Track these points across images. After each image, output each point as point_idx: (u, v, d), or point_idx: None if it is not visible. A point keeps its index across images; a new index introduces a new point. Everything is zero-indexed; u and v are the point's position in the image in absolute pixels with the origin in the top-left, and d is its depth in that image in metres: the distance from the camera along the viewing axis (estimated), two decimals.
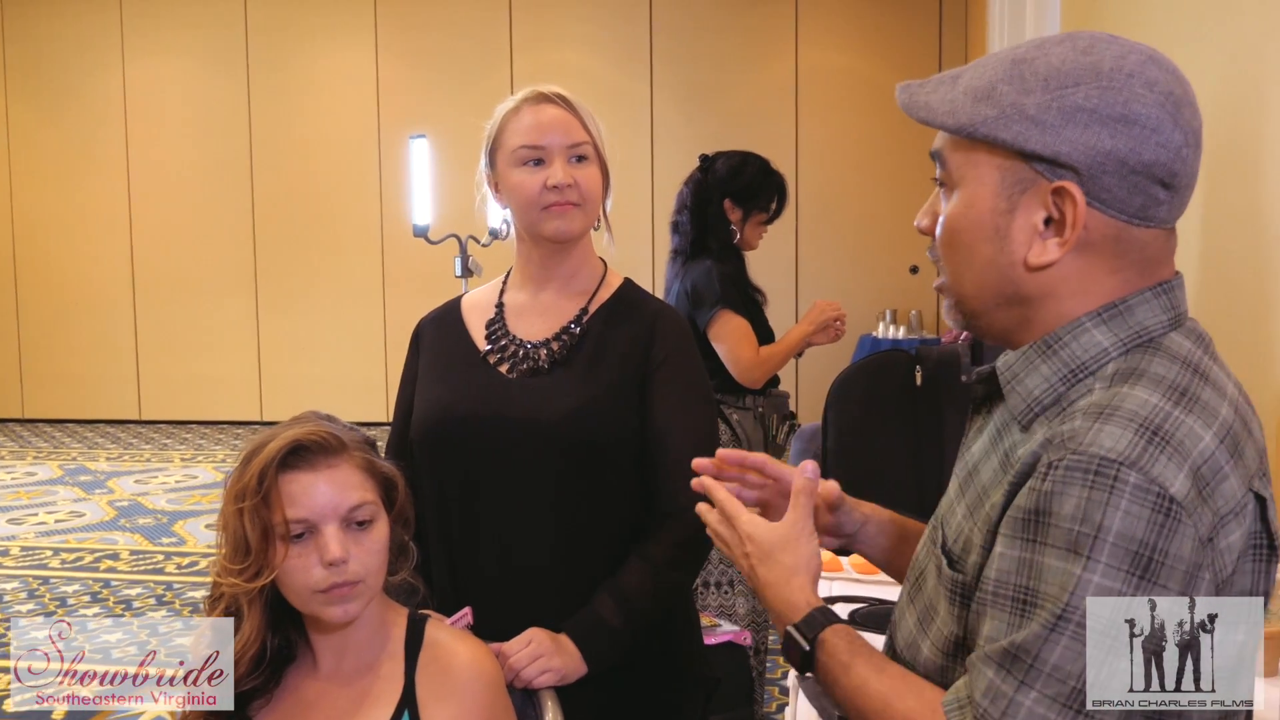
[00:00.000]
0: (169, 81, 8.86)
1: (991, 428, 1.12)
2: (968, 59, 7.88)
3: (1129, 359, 1.00)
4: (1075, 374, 1.02)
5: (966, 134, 1.03)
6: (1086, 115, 0.98)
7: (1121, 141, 0.98)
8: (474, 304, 1.86)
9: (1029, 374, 1.04)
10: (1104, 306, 1.02)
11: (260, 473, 1.33)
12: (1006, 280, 1.05)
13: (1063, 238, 1.01)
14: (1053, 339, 1.03)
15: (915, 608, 1.14)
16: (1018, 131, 1.00)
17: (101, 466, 7.55)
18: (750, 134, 8.09)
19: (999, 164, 1.02)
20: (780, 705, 3.61)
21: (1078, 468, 0.92)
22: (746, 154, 3.29)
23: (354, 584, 1.34)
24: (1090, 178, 0.99)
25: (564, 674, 1.56)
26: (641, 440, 1.69)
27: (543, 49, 8.41)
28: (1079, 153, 0.98)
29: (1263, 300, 2.10)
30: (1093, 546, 0.90)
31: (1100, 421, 0.94)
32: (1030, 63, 1.02)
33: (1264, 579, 0.98)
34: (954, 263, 1.09)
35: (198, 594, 4.84)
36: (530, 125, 1.72)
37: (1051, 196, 1.00)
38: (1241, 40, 2.29)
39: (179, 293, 8.90)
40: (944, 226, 1.09)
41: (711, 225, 3.16)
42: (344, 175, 8.65)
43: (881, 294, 7.92)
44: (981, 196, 1.04)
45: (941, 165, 1.09)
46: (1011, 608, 0.96)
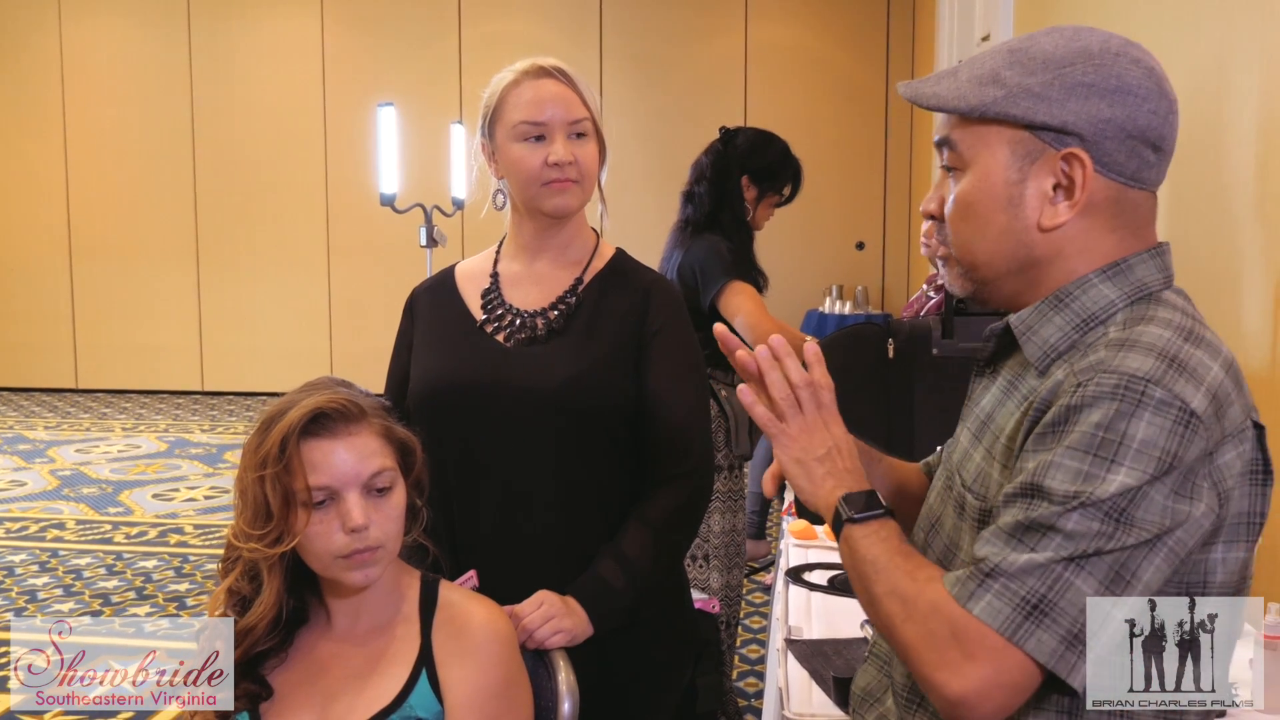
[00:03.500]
0: (107, 43, 8.65)
1: (1001, 381, 1.22)
2: (915, 39, 7.98)
3: (1135, 309, 1.11)
4: (1087, 323, 1.12)
5: (979, 114, 1.14)
6: (1085, 89, 1.10)
7: (1119, 110, 1.10)
8: (467, 273, 1.88)
9: (1043, 325, 1.14)
10: (1108, 265, 1.13)
11: (282, 440, 1.34)
12: (1020, 244, 1.15)
13: (1072, 200, 1.12)
14: (1063, 293, 1.14)
15: (934, 551, 1.22)
16: (1026, 107, 1.11)
17: (40, 435, 7.41)
18: (699, 107, 8.12)
19: (1009, 139, 1.13)
20: (740, 673, 3.69)
21: (1107, 384, 1.02)
22: (770, 134, 3.27)
23: (375, 549, 1.36)
24: (1094, 143, 1.10)
25: (574, 635, 1.60)
26: (637, 407, 1.74)
27: (492, 17, 8.34)
28: (1083, 121, 1.10)
29: (1228, 278, 2.19)
30: (1116, 451, 0.99)
31: (1124, 350, 1.04)
32: (1026, 50, 1.14)
33: (1260, 501, 1.08)
34: (967, 234, 1.18)
35: (149, 564, 4.80)
36: (531, 100, 1.74)
37: (1060, 163, 1.11)
38: (1203, 22, 2.37)
39: (117, 259, 8.73)
40: (956, 202, 1.18)
41: (727, 199, 3.15)
42: (288, 142, 8.53)
43: (828, 269, 8.02)
44: (994, 169, 1.14)
45: (950, 149, 1.18)
46: (1023, 502, 1.04)
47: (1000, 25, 4.65)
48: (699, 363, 1.84)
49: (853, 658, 1.80)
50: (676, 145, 8.17)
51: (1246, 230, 2.16)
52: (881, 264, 8.31)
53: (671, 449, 1.73)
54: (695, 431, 1.76)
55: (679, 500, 1.71)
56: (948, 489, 1.23)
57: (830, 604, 2.08)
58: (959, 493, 1.19)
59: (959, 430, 1.30)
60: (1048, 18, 3.77)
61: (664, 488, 1.72)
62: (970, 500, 1.16)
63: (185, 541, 5.17)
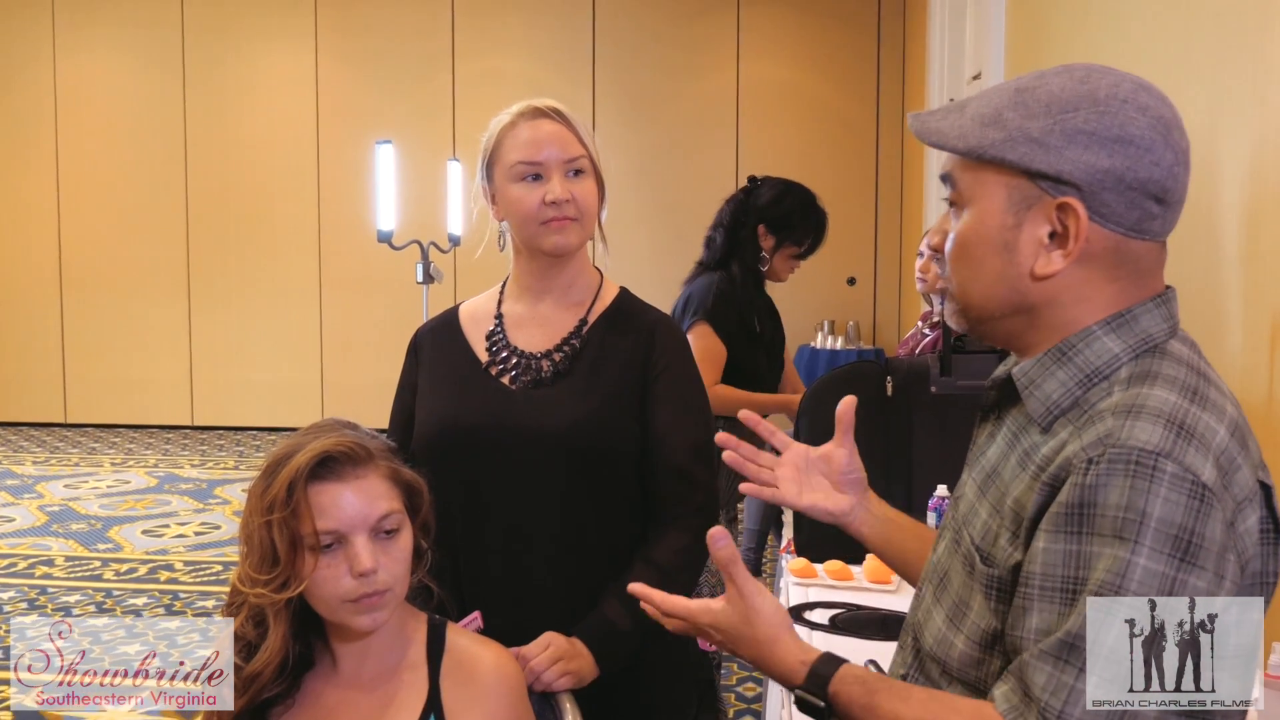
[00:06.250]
0: (102, 76, 8.68)
1: (1005, 431, 1.20)
2: (905, 75, 8.05)
3: (1139, 363, 1.09)
4: (1090, 378, 1.10)
5: (976, 156, 1.13)
6: (1086, 137, 1.07)
7: (1118, 160, 1.07)
8: (471, 315, 1.89)
9: (1046, 379, 1.12)
10: (1111, 316, 1.11)
11: (289, 484, 1.34)
12: (1014, 290, 1.13)
13: (1066, 249, 1.09)
14: (1066, 346, 1.12)
15: (943, 607, 1.20)
16: (1024, 152, 1.09)
17: (29, 470, 7.36)
18: (692, 143, 8.19)
19: (1006, 182, 1.11)
20: (737, 711, 3.67)
21: (1119, 459, 0.99)
22: (792, 184, 3.31)
23: (383, 593, 1.36)
24: (1091, 194, 1.08)
25: (581, 677, 1.60)
26: (642, 447, 1.74)
27: (485, 54, 8.39)
28: (1080, 171, 1.07)
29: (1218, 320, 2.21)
30: (1139, 531, 0.97)
31: (1130, 419, 1.02)
32: (1032, 91, 1.12)
33: (1273, 560, 1.07)
34: (963, 274, 1.17)
35: (139, 601, 4.76)
36: (527, 140, 1.76)
37: (1056, 212, 1.09)
38: (1195, 64, 2.40)
39: (108, 293, 8.72)
40: (954, 241, 1.18)
41: (740, 248, 3.18)
42: (281, 177, 8.55)
43: (820, 305, 8.04)
44: (990, 212, 1.13)
45: (952, 186, 1.18)
46: (1061, 599, 1.01)
47: (991, 63, 4.68)
48: (704, 402, 1.84)
49: None
50: (669, 181, 8.23)
51: (1237, 272, 2.17)
52: (873, 299, 8.35)
53: (676, 489, 1.73)
54: (700, 471, 1.76)
55: (685, 540, 1.71)
56: (955, 544, 1.21)
57: (833, 643, 2.07)
58: (968, 550, 1.17)
59: (964, 478, 1.29)
60: (1039, 55, 3.81)
61: (669, 528, 1.72)
62: (980, 565, 1.13)
63: (176, 578, 5.13)
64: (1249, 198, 2.14)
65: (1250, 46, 2.10)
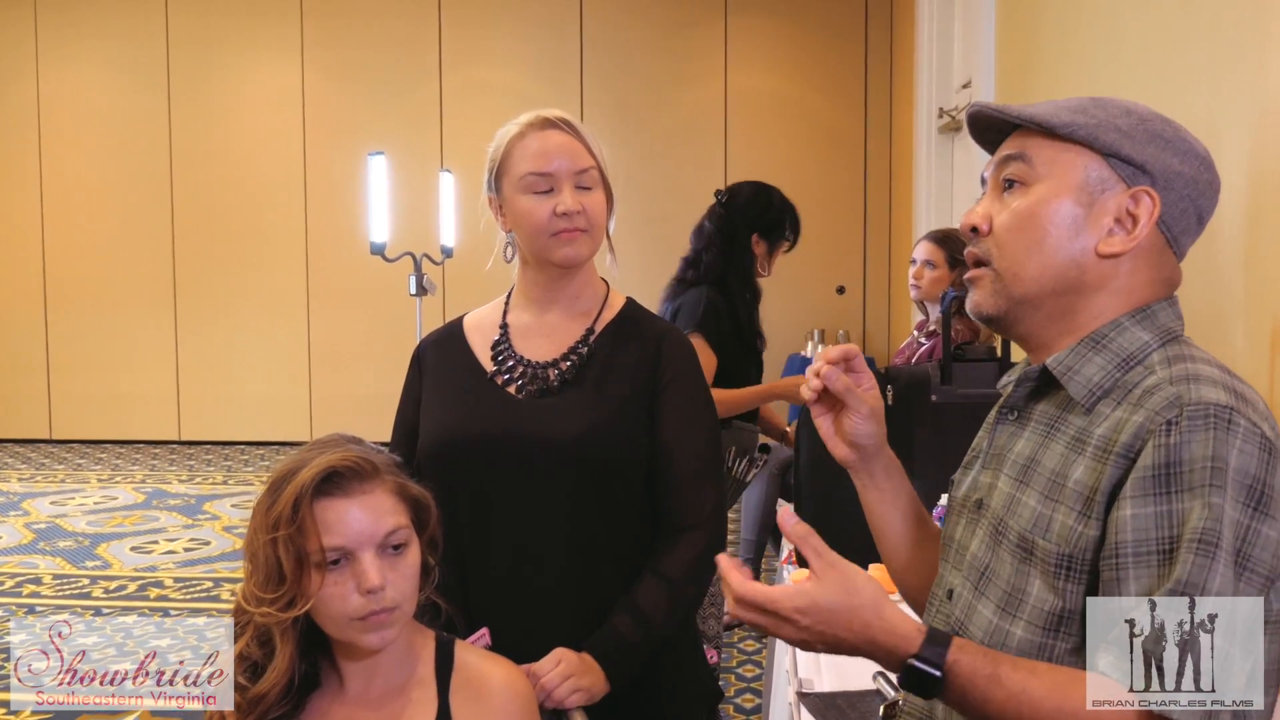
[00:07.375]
0: (86, 90, 8.63)
1: (1036, 425, 1.23)
2: (892, 85, 8.06)
3: (1169, 349, 1.17)
4: (1126, 362, 1.17)
5: (1067, 132, 1.19)
6: (1164, 142, 1.18)
7: (1189, 167, 1.18)
8: (476, 325, 1.87)
9: (1084, 365, 1.19)
10: (1135, 310, 1.20)
11: (294, 500, 1.31)
12: (1074, 264, 1.19)
13: (1131, 234, 1.17)
14: (1099, 335, 1.19)
15: (990, 599, 1.20)
16: (1112, 139, 1.18)
17: (14, 488, 7.29)
18: (680, 153, 8.18)
19: (1086, 164, 1.19)
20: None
21: (1198, 415, 1.06)
22: (763, 185, 3.30)
23: (391, 610, 1.33)
24: (1163, 189, 1.17)
25: (592, 693, 1.57)
26: (650, 457, 1.72)
27: (472, 65, 8.38)
28: (1159, 166, 1.17)
29: (1219, 326, 2.21)
30: (1226, 479, 1.03)
31: (1192, 384, 1.09)
32: (1109, 101, 1.22)
33: None
34: (1021, 247, 1.21)
35: (128, 619, 4.71)
36: (537, 151, 1.74)
37: (1128, 200, 1.17)
38: (1193, 76, 2.40)
39: (93, 308, 8.65)
40: (1017, 213, 1.21)
41: (735, 261, 3.16)
42: (267, 190, 8.50)
43: (809, 314, 8.04)
44: (1066, 188, 1.19)
45: (1021, 163, 1.22)
46: (1159, 559, 1.04)
47: (981, 70, 4.69)
48: (711, 412, 1.83)
49: (867, 711, 1.77)
50: (658, 191, 8.22)
51: (1237, 276, 2.17)
52: (863, 308, 8.35)
53: (684, 500, 1.71)
54: (708, 482, 1.74)
55: (694, 552, 1.69)
56: (996, 537, 1.21)
57: (837, 658, 2.05)
58: (1019, 538, 1.17)
59: (981, 476, 1.29)
60: (1029, 62, 3.82)
61: (678, 539, 1.70)
62: (1042, 544, 1.14)
63: (166, 595, 5.08)
64: (1248, 203, 2.14)
65: (1247, 54, 2.10)
